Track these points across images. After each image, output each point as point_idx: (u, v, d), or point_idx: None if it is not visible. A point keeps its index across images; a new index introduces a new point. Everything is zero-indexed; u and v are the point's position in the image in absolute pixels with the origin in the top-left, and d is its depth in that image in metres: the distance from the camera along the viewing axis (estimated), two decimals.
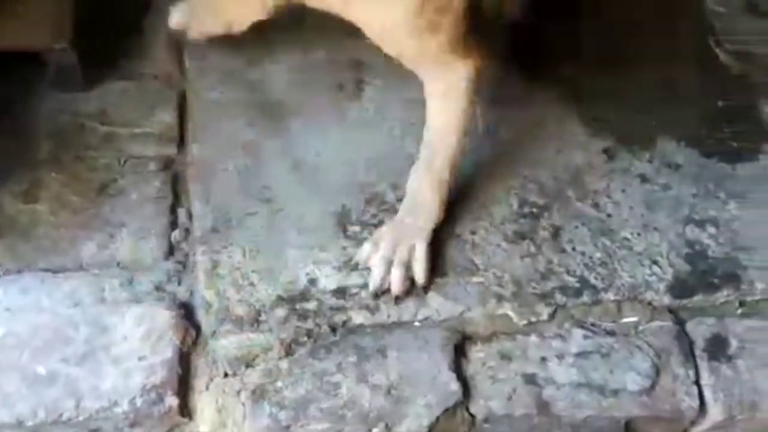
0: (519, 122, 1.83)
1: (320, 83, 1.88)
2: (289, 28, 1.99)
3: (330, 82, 1.88)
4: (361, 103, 1.85)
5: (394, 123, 1.82)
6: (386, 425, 1.44)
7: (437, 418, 1.45)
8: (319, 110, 1.82)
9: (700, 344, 1.55)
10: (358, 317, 1.52)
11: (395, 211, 1.66)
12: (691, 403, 1.50)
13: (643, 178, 1.77)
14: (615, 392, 1.50)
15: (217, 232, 1.59)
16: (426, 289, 1.55)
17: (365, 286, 1.55)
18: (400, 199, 1.67)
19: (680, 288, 1.61)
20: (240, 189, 1.66)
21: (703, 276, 1.63)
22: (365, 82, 1.89)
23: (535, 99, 1.88)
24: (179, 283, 1.53)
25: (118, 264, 1.55)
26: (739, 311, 1.61)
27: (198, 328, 1.50)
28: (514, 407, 1.48)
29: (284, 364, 1.47)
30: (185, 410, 1.44)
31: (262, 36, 1.94)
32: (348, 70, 1.90)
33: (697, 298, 1.60)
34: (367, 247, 1.56)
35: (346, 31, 1.91)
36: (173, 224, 1.61)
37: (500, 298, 1.56)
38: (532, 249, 1.63)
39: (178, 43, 1.91)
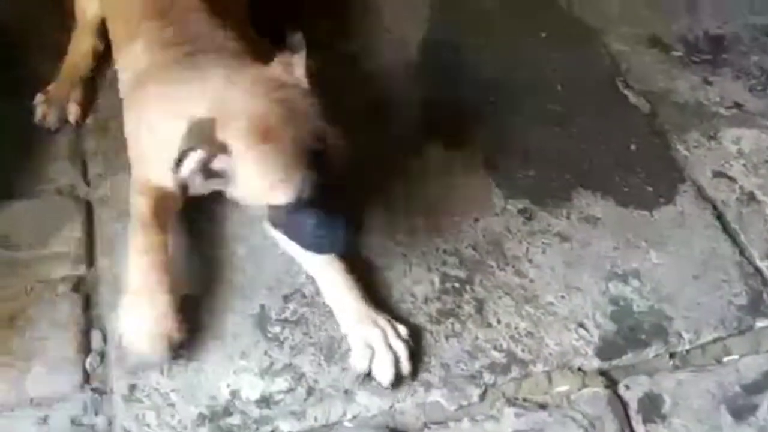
0: (433, 194, 1.82)
1: None
2: None
3: None
4: None
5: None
6: None
7: None
8: (227, 205, 1.79)
9: (633, 406, 1.53)
10: (285, 425, 1.47)
11: (316, 304, 1.63)
12: None
13: (562, 237, 1.76)
14: None
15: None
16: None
17: (290, 391, 1.51)
18: (319, 291, 1.65)
19: (609, 349, 1.59)
20: None
21: (630, 333, 1.61)
22: None
23: (450, 168, 1.88)
24: (96, 413, 1.48)
25: (31, 401, 1.48)
26: (670, 363, 1.60)
27: None
28: None
29: None
30: None
31: None
32: None
33: (627, 357, 1.59)
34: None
35: None
36: (87, 350, 1.55)
37: (429, 386, 1.53)
38: (458, 327, 1.61)
39: (80, 151, 1.88)
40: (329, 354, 1.56)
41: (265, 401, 1.49)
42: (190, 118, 1.42)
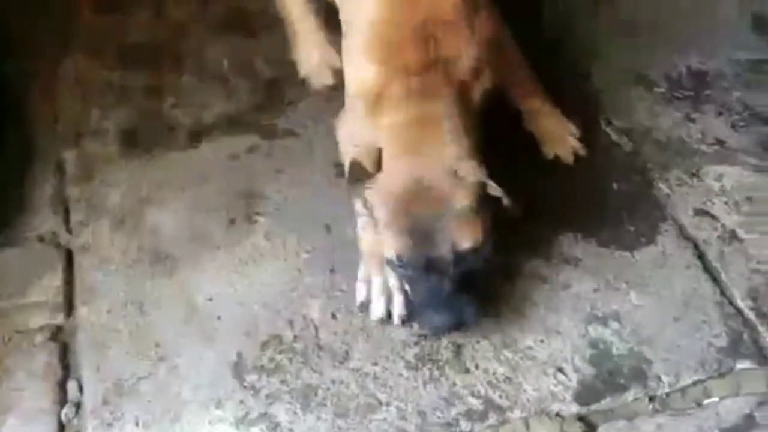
0: None
1: (211, 220, 1.87)
2: (178, 161, 2.01)
3: (221, 218, 1.87)
4: (255, 237, 1.84)
5: (289, 254, 1.82)
6: None
7: None
8: (210, 251, 1.80)
9: None
10: None
11: (294, 351, 1.63)
12: None
13: (542, 279, 1.75)
14: None
15: (108, 404, 1.54)
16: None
17: None
18: (297, 337, 1.65)
19: (587, 393, 1.58)
20: (132, 351, 1.62)
21: (609, 377, 1.60)
22: (258, 214, 1.89)
23: None
24: None
25: None
26: (650, 407, 1.58)
27: None
28: None
29: None
30: None
31: (148, 176, 1.96)
32: (239, 203, 1.90)
33: (606, 402, 1.57)
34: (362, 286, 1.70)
35: (236, 161, 1.97)
36: (63, 400, 1.56)
37: None
38: (435, 373, 1.60)
39: (63, 197, 1.90)
40: (305, 402, 1.55)
41: None
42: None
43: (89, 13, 2.33)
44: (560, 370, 1.61)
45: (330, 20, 2.04)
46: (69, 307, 1.69)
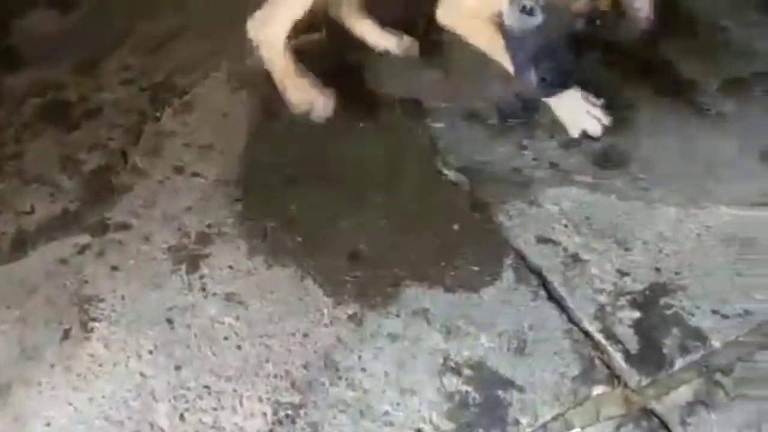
0: (261, 315, 1.77)
1: (43, 336, 1.75)
2: (1, 276, 1.89)
3: (53, 332, 1.76)
4: (92, 345, 1.74)
5: (130, 357, 1.72)
6: None
7: None
8: (44, 370, 1.69)
9: None
10: None
11: None
12: None
13: (393, 337, 1.72)
14: None
15: None
16: None
17: None
18: None
19: None
20: None
21: (468, 429, 1.58)
22: (94, 320, 1.79)
23: (276, 285, 1.83)
24: None
25: None
26: None
27: None
28: None
29: None
30: None
31: None
32: (72, 312, 1.80)
33: None
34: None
35: (65, 265, 1.87)
36: None
37: None
38: None
39: None
40: None
41: None
42: None
43: None
44: (419, 431, 1.59)
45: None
46: None
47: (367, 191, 2.03)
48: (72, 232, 1.94)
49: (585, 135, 2.09)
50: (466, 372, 1.66)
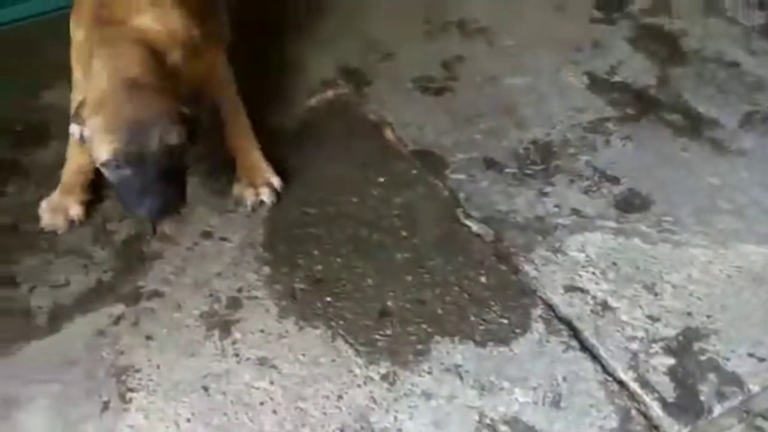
0: (293, 376, 1.79)
1: (82, 409, 1.76)
2: (40, 351, 1.92)
3: (93, 405, 1.77)
4: (131, 417, 1.75)
5: (168, 427, 1.74)
6: None
7: None
8: None
9: None
10: None
11: None
12: None
13: (427, 395, 1.73)
14: None
15: None
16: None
17: None
18: None
19: None
20: None
21: None
22: (132, 390, 1.81)
23: (308, 346, 1.85)
24: None
25: None
26: None
27: None
28: None
29: None
30: None
31: (11, 374, 1.85)
32: (110, 383, 1.81)
33: None
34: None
35: (102, 336, 1.90)
36: None
37: None
38: None
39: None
40: None
41: None
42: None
43: None
44: None
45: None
46: None
47: (391, 247, 2.05)
48: (107, 302, 1.97)
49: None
50: (502, 428, 1.66)
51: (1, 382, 1.84)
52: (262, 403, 1.76)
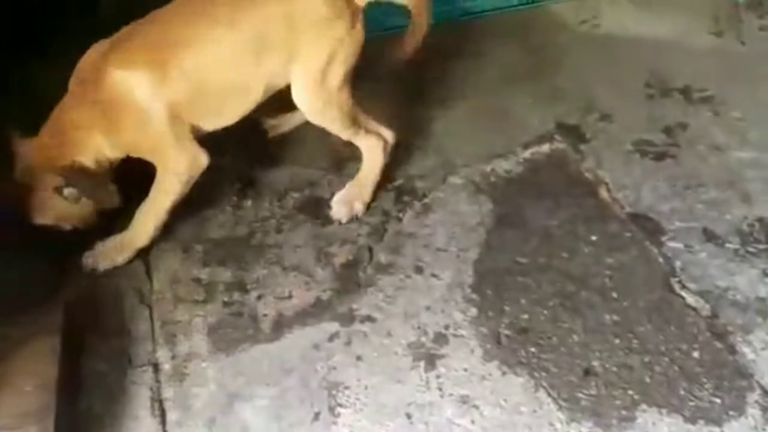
0: (493, 422, 1.83)
1: (297, 415, 1.91)
2: (263, 354, 2.09)
3: (306, 413, 1.91)
4: (339, 430, 1.88)
5: None
6: None
7: None
8: None
9: None
10: None
11: None
12: None
13: None
14: None
15: None
16: None
17: None
18: None
19: None
20: None
21: None
22: (341, 405, 1.93)
23: (509, 392, 1.90)
24: None
25: None
26: None
27: None
28: None
29: None
30: None
31: (236, 372, 2.02)
32: (322, 395, 1.95)
33: None
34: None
35: (318, 351, 2.05)
36: None
37: None
38: None
39: (159, 399, 2.00)
40: None
41: None
42: None
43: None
44: None
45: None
46: None
47: (600, 307, 2.06)
48: (324, 319, 2.13)
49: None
50: None
51: (227, 376, 2.04)
52: None
